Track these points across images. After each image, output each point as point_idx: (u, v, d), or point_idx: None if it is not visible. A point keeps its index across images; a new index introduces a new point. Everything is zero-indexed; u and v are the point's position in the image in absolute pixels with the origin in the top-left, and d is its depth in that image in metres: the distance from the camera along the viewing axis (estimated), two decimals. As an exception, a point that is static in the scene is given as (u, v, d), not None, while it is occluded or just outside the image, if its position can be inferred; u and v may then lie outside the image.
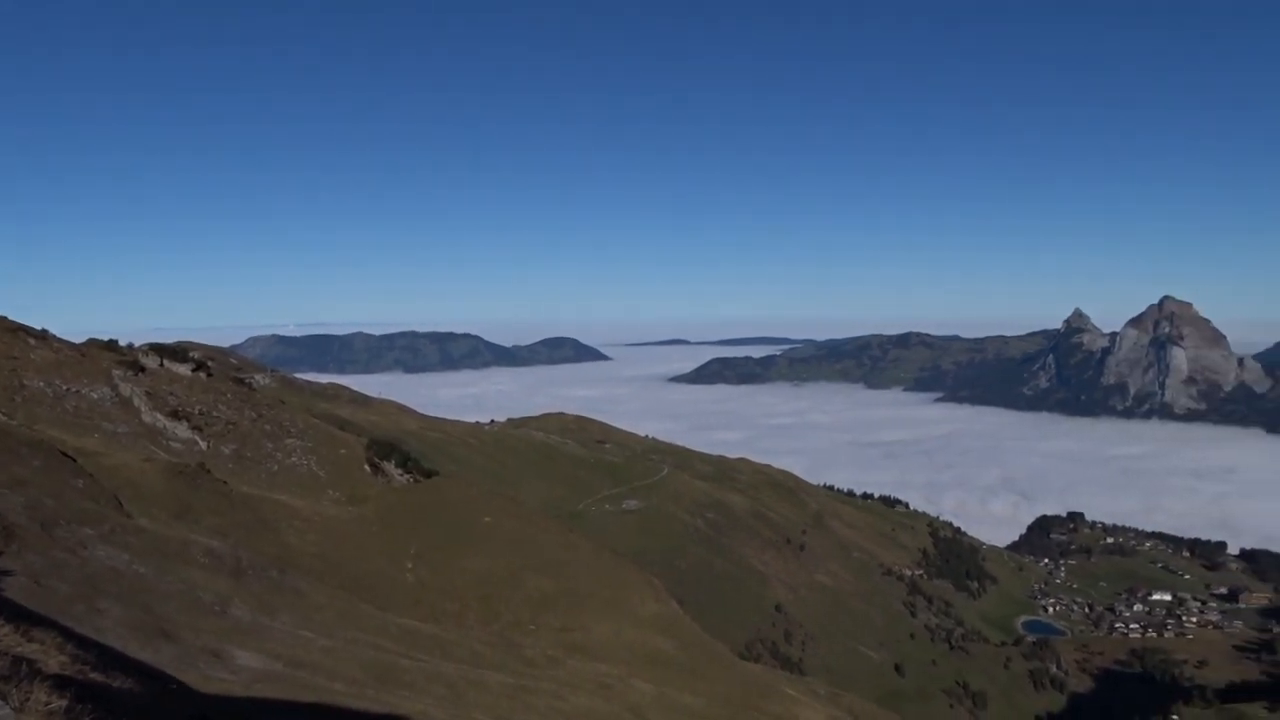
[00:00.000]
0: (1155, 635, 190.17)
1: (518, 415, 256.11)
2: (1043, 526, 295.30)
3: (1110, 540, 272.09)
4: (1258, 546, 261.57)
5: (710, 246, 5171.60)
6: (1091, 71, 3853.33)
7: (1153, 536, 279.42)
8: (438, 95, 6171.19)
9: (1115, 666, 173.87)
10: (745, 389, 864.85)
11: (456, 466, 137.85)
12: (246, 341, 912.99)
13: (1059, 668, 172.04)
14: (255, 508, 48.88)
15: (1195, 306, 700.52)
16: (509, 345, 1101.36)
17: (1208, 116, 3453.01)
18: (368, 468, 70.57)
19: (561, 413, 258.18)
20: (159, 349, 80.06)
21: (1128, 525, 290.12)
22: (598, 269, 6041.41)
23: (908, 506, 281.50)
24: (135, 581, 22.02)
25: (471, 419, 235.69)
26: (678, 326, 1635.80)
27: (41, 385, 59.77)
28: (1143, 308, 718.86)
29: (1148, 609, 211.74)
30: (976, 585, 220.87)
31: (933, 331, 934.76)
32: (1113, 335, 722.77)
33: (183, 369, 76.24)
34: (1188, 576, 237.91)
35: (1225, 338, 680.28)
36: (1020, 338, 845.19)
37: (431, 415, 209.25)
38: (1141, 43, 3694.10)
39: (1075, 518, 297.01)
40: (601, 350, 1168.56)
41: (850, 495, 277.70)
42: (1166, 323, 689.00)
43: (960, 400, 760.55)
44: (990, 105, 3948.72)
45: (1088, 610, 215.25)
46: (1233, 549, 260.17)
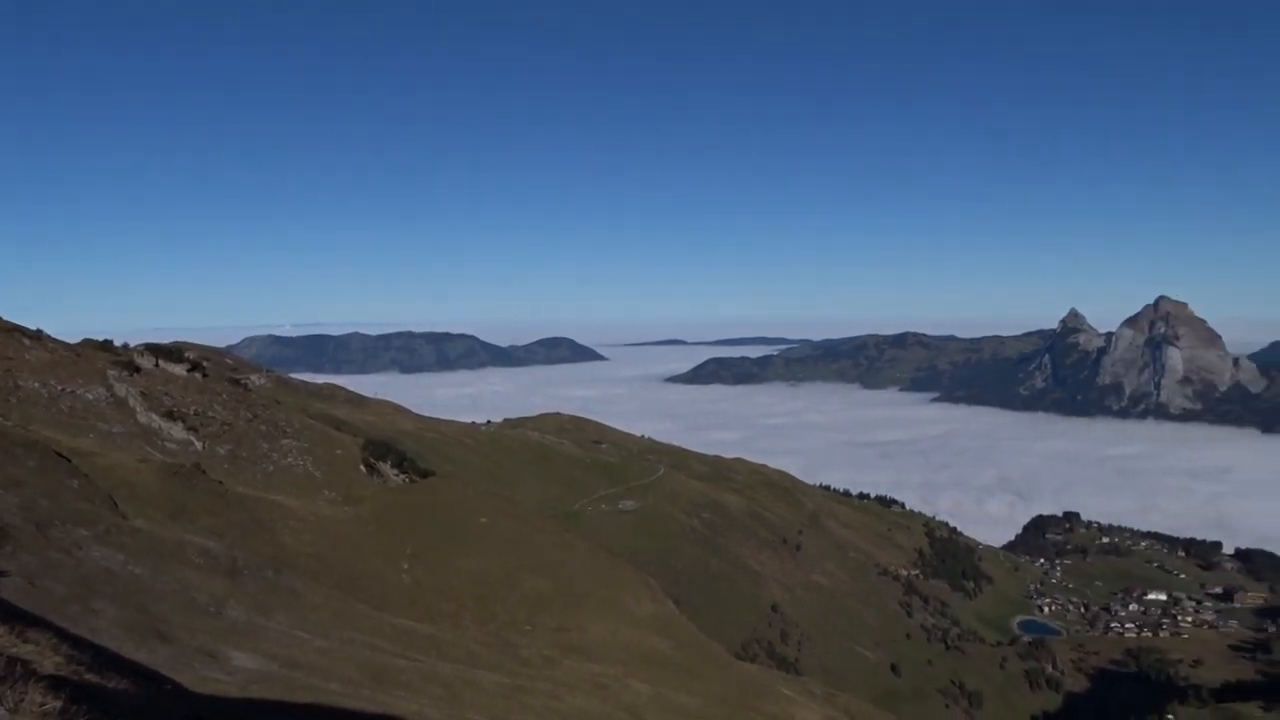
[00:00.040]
0: (1151, 635, 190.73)
1: (514, 415, 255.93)
2: (1038, 526, 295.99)
3: (1106, 540, 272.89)
4: (1253, 546, 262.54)
5: (707, 247, 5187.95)
6: (1089, 72, 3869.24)
7: (1148, 536, 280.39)
8: (434, 95, 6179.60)
9: (1111, 666, 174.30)
10: (741, 389, 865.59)
11: (452, 467, 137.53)
12: (242, 342, 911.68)
13: (1055, 667, 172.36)
14: (251, 508, 48.78)
15: (1191, 306, 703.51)
16: (505, 345, 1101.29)
17: (1204, 117, 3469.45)
18: (363, 468, 70.39)
19: (558, 413, 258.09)
20: (154, 349, 79.72)
21: (1123, 525, 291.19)
22: (594, 269, 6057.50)
23: (904, 506, 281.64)
24: (130, 582, 21.99)
25: (467, 419, 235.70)
26: (674, 327, 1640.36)
27: (36, 385, 59.64)
28: (1138, 308, 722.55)
29: (1143, 609, 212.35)
30: (972, 585, 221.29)
31: (929, 332, 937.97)
32: (1108, 335, 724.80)
33: (178, 369, 76.02)
34: (1183, 576, 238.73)
35: (1220, 338, 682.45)
36: (1016, 338, 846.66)
37: (427, 415, 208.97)
38: (1138, 43, 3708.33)
39: (1071, 518, 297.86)
40: (598, 350, 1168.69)
41: (846, 495, 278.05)
42: (1162, 323, 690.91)
43: (956, 400, 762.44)
44: (988, 106, 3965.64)
45: (1083, 610, 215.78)
46: (1228, 549, 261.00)
